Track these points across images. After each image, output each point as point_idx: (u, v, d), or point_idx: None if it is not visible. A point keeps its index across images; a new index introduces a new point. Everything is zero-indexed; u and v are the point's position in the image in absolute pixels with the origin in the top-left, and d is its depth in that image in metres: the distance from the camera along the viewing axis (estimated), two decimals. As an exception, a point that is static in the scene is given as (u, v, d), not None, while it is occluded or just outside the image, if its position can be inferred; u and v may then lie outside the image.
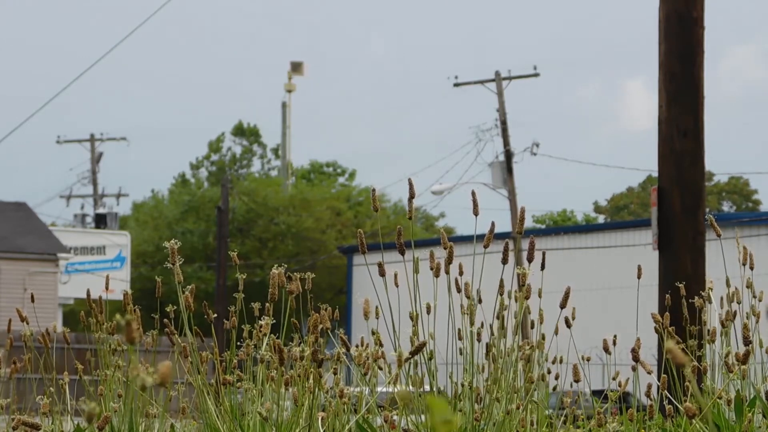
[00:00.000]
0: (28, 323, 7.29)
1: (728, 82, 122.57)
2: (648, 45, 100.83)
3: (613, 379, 7.41)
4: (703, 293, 6.86)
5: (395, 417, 6.16)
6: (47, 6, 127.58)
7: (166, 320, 6.28)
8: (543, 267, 6.19)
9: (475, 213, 6.09)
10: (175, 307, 6.28)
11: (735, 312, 6.82)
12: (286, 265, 6.16)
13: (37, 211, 53.14)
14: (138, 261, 61.14)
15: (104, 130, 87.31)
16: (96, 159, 69.11)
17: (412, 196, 5.87)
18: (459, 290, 6.25)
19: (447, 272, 6.04)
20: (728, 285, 6.92)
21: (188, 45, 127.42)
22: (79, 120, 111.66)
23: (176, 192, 72.85)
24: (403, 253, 5.88)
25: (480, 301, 6.38)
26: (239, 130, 79.27)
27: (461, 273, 6.24)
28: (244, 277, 6.41)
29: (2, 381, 7.66)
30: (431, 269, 6.05)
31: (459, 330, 6.43)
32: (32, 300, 7.90)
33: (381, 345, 6.43)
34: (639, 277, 7.26)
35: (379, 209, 5.99)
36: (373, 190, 6.14)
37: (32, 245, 47.41)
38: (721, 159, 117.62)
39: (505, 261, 5.96)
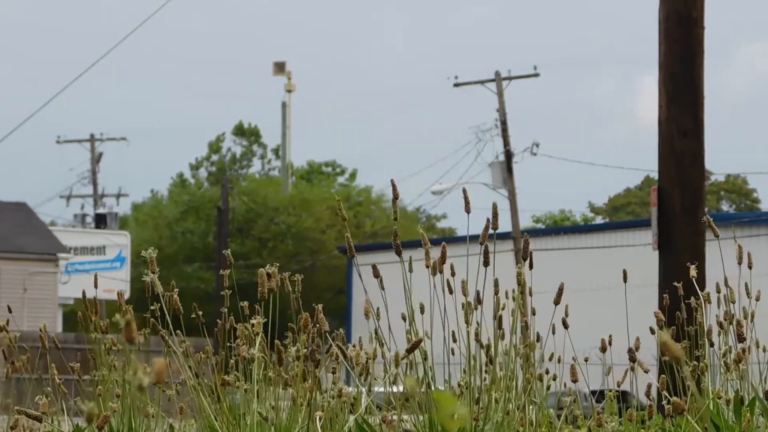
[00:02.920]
0: (16, 325, 7.28)
1: (722, 81, 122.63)
2: (648, 45, 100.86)
3: (607, 374, 7.40)
4: (701, 294, 6.85)
5: (394, 417, 6.15)
6: (47, 7, 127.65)
7: (155, 320, 6.27)
8: (531, 266, 6.18)
9: (467, 210, 6.07)
10: (159, 305, 6.27)
11: (732, 314, 6.81)
12: (277, 264, 6.14)
13: (37, 211, 53.16)
14: (138, 261, 61.08)
15: (104, 130, 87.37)
16: (96, 159, 69.10)
17: (395, 197, 5.89)
18: (451, 291, 6.24)
19: (441, 271, 6.03)
20: (726, 285, 6.91)
21: (188, 45, 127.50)
22: (79, 120, 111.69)
23: (176, 192, 72.86)
24: (399, 254, 5.88)
25: (480, 302, 6.36)
26: (240, 131, 79.31)
27: (453, 274, 6.23)
28: (229, 273, 6.37)
29: (1, 381, 7.66)
30: (426, 266, 6.03)
31: (453, 332, 6.41)
32: (22, 304, 7.89)
33: (381, 345, 6.42)
34: (625, 281, 7.28)
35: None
36: (339, 200, 6.14)
37: (32, 245, 47.40)
38: (717, 158, 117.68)
39: (486, 263, 5.96)
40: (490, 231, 5.94)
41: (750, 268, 6.78)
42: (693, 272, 6.65)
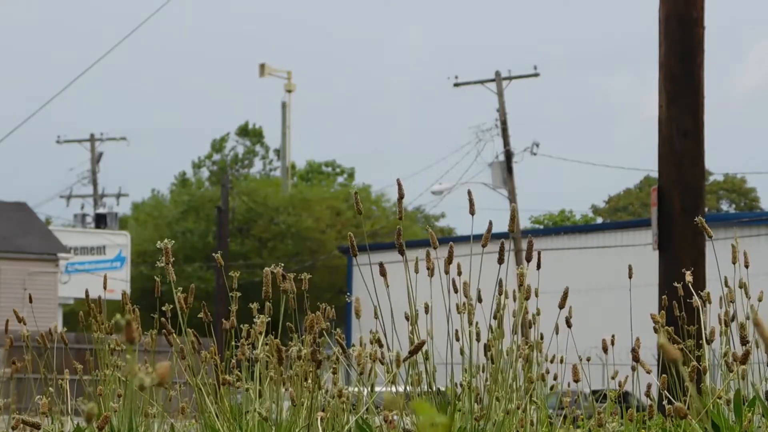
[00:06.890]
0: (25, 324, 7.29)
1: (722, 81, 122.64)
2: (649, 45, 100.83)
3: (612, 378, 7.40)
4: (701, 293, 6.86)
5: (395, 417, 6.16)
6: (47, 6, 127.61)
7: (163, 320, 6.27)
8: (539, 267, 6.18)
9: (471, 212, 6.07)
10: (172, 306, 6.28)
11: (734, 313, 6.81)
12: (282, 264, 6.14)
13: (37, 211, 53.16)
14: (138, 261, 61.12)
15: (104, 130, 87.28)
16: (96, 159, 69.12)
17: (401, 197, 5.88)
18: (456, 290, 6.24)
19: (447, 272, 6.03)
20: (726, 285, 6.92)
21: (189, 45, 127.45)
22: (79, 120, 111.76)
23: (176, 192, 72.88)
24: (402, 253, 5.88)
25: (480, 300, 6.37)
26: (244, 131, 79.35)
27: (459, 273, 6.23)
28: (231, 274, 6.38)
29: (2, 381, 7.66)
30: (427, 268, 6.03)
31: (457, 331, 6.42)
32: (30, 301, 7.90)
33: (380, 345, 6.42)
34: (630, 277, 7.27)
35: (362, 212, 5.98)
36: (356, 193, 6.12)
37: (32, 245, 47.40)
38: (717, 158, 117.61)
39: (501, 261, 5.95)
40: (506, 231, 5.92)
41: (746, 267, 6.78)
42: (689, 277, 6.65)
